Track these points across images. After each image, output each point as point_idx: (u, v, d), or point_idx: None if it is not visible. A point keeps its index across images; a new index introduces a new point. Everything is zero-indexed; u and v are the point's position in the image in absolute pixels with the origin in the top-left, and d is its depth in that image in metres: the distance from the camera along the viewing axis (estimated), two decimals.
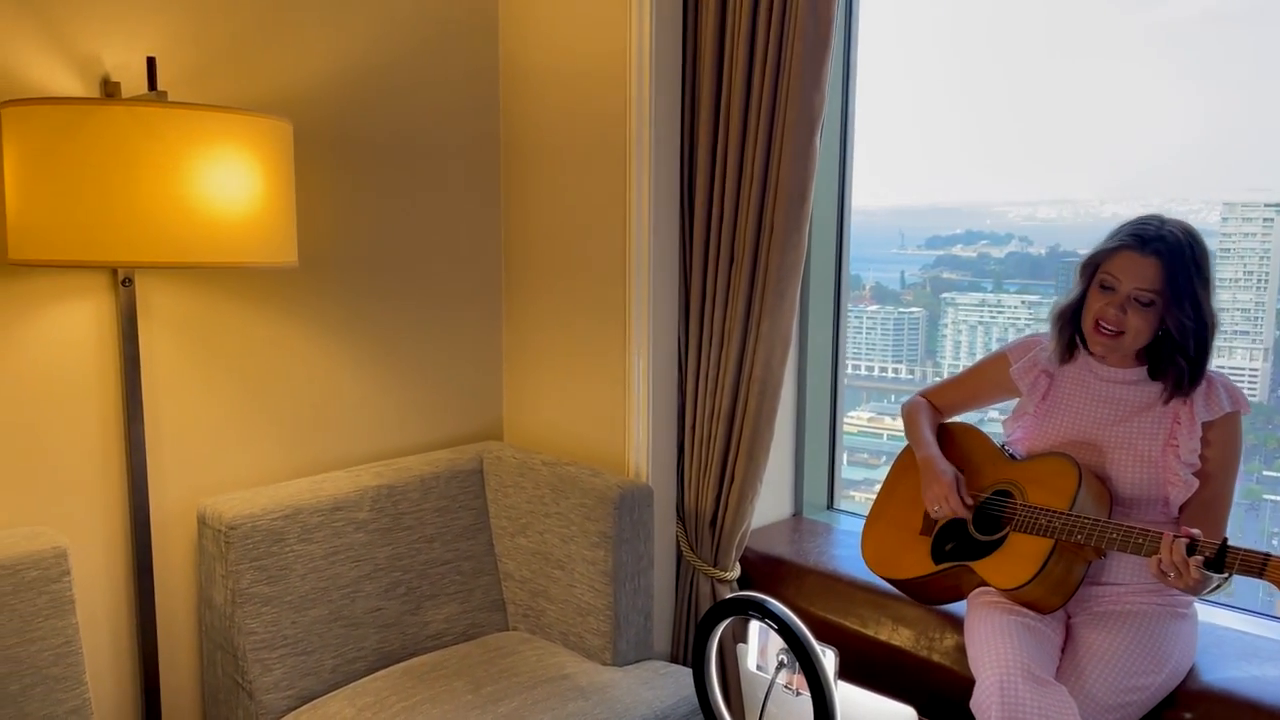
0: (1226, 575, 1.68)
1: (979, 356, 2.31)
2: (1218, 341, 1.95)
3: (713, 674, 1.57)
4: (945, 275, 3.00)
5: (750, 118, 2.27)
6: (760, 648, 1.56)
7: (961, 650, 2.09)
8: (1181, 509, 1.94)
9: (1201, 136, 1.94)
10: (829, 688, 1.39)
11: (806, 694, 1.51)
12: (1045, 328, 2.13)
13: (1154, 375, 1.97)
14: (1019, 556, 1.94)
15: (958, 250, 2.98)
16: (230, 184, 1.82)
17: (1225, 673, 1.91)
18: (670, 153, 2.39)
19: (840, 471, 2.92)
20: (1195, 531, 1.71)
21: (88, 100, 1.71)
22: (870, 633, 2.28)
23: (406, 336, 2.57)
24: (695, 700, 2.21)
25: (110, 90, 1.99)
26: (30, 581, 1.88)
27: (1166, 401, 1.94)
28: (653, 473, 2.45)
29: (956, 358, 2.95)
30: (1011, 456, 2.13)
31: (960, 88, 2.65)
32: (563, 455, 2.57)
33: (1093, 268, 1.98)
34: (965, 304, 2.95)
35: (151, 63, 1.89)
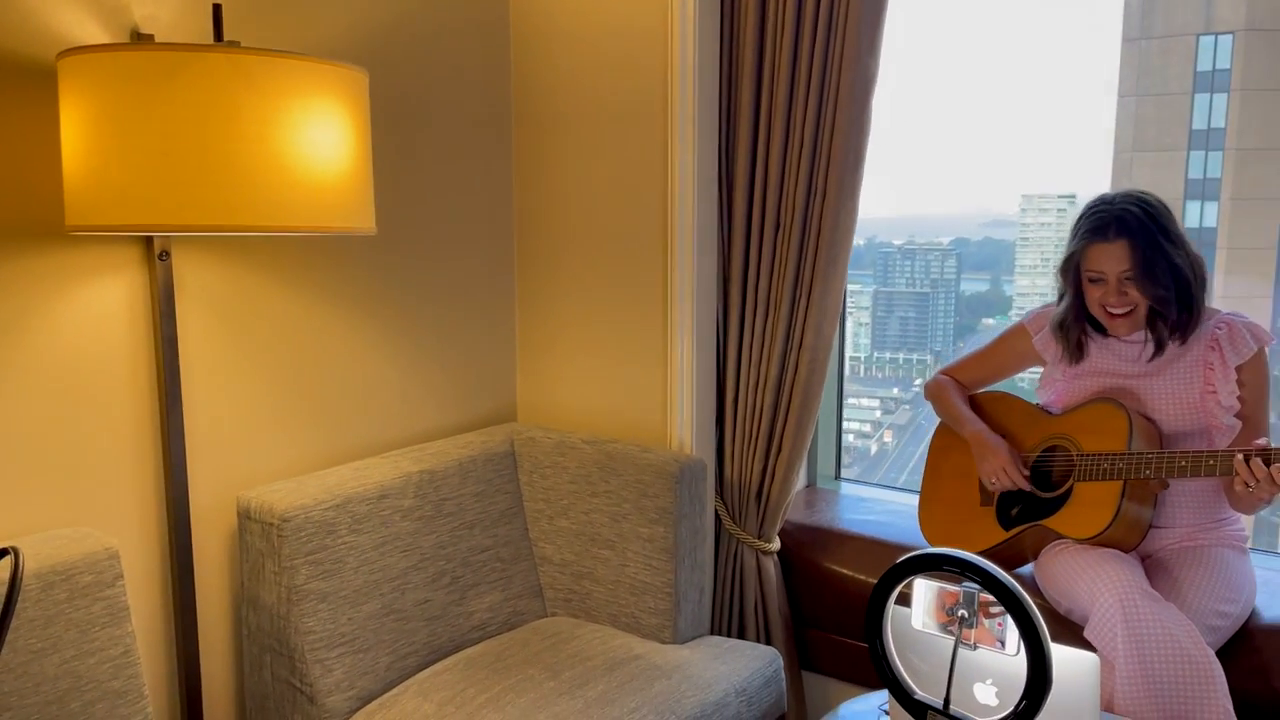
0: None
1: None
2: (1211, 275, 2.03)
3: (889, 638, 1.54)
4: None
5: (798, 80, 2.25)
6: (929, 605, 1.55)
7: None
8: None
9: (1000, 134, 2.05)
10: (1045, 637, 1.39)
11: (984, 648, 1.51)
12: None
13: (1150, 330, 2.05)
14: (1092, 504, 2.00)
15: None
16: (325, 141, 1.68)
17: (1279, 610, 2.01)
18: (711, 119, 2.35)
19: (844, 443, 2.95)
20: (1261, 441, 1.80)
21: (180, 47, 1.54)
22: None
23: (421, 316, 2.44)
24: (768, 672, 2.19)
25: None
26: (85, 587, 1.69)
27: (1182, 344, 2.01)
28: (695, 447, 2.41)
29: None
30: (1049, 413, 2.18)
31: None
32: (596, 433, 2.50)
33: (1074, 268, 2.06)
34: None
35: (218, 10, 1.72)
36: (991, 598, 1.51)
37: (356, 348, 2.30)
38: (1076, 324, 2.11)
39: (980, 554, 2.14)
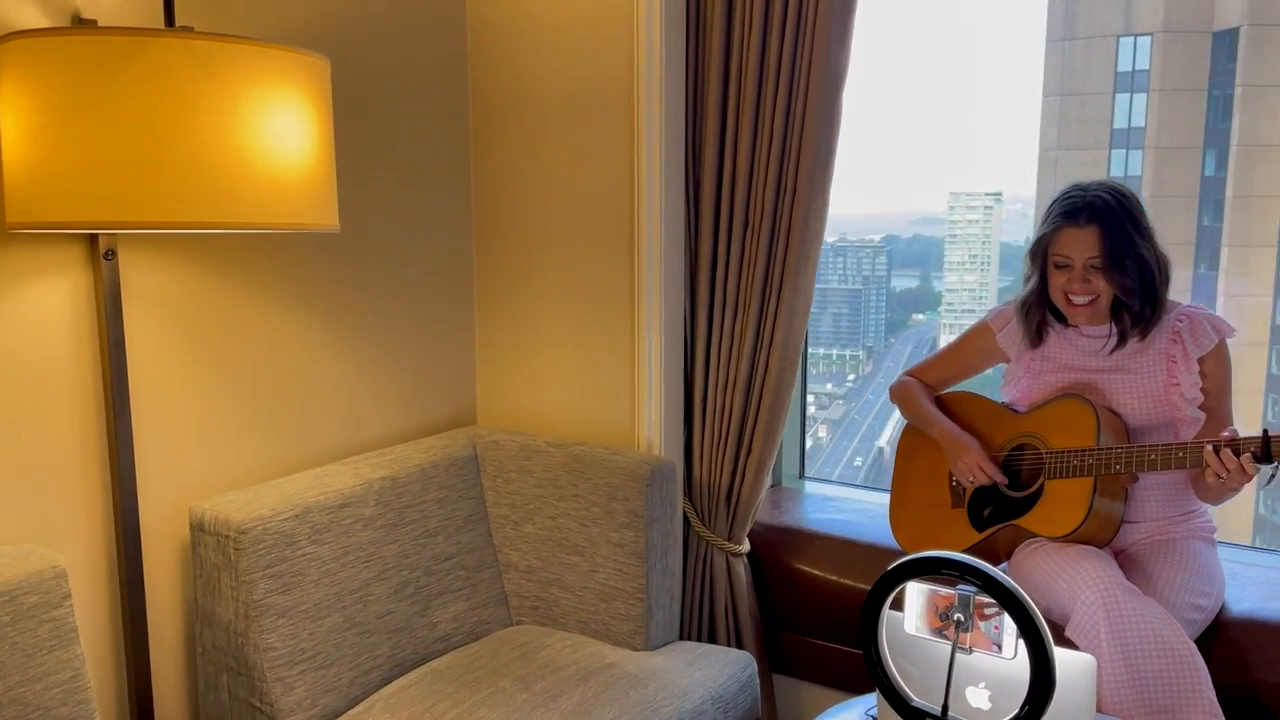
0: (1276, 464, 1.78)
1: None
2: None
3: (884, 644, 1.51)
4: None
5: (767, 73, 2.21)
6: (921, 610, 1.52)
7: None
8: None
9: (930, 133, 2.07)
10: (1048, 639, 1.37)
11: (980, 652, 1.48)
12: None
13: (1115, 322, 2.05)
14: (1064, 502, 1.99)
15: None
16: (287, 132, 1.59)
17: (1248, 603, 2.03)
18: (678, 113, 2.30)
19: (808, 442, 2.93)
20: (1229, 432, 1.81)
21: (131, 31, 1.44)
22: None
23: (378, 316, 2.35)
24: (743, 677, 2.15)
25: None
26: (30, 609, 1.58)
27: (1143, 338, 2.02)
28: (664, 448, 2.36)
29: None
30: (1015, 412, 2.18)
31: None
32: (560, 435, 2.43)
33: (1041, 252, 2.06)
34: None
35: None
36: (988, 600, 1.49)
37: (312, 349, 2.20)
38: (1038, 308, 2.10)
39: None
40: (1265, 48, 9.52)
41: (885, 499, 2.71)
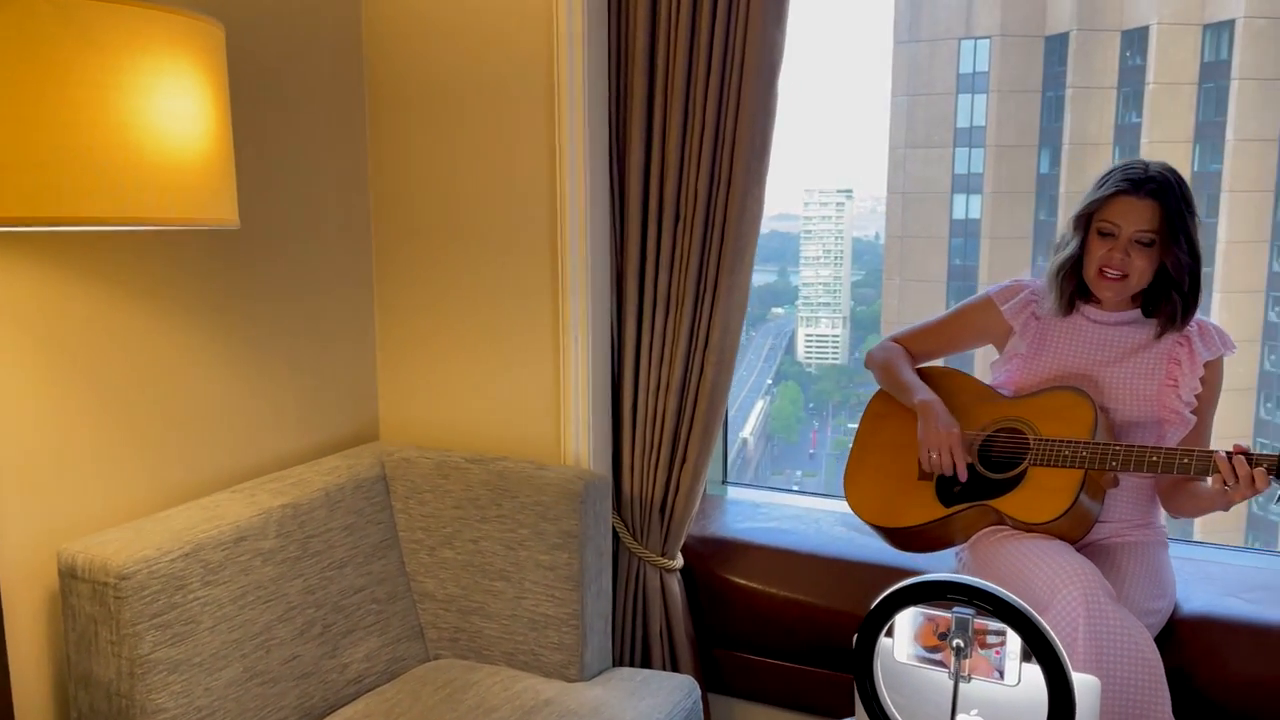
0: None
1: None
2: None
3: (880, 676, 1.39)
4: None
5: (697, 57, 2.07)
6: (914, 635, 1.40)
7: None
8: None
9: (784, 132, 2.05)
10: (1069, 669, 1.26)
11: (979, 679, 1.38)
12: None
13: (1148, 313, 2.02)
14: (1048, 490, 1.92)
15: None
16: (179, 110, 1.34)
17: (1199, 602, 2.01)
18: (601, 99, 2.13)
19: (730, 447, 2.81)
20: (1244, 444, 1.78)
21: None
22: (842, 606, 2.19)
23: (268, 323, 2.09)
24: (688, 704, 2.01)
25: None
26: None
27: (1159, 337, 1.99)
28: (594, 460, 2.19)
29: None
30: (1003, 395, 2.10)
31: None
32: (478, 450, 2.23)
33: (1087, 217, 1.99)
34: None
35: None
36: (988, 624, 1.38)
37: (196, 362, 1.93)
38: (1072, 276, 2.03)
39: (911, 529, 2.04)
40: (1092, 51, 10.01)
41: (814, 504, 2.63)
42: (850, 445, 2.20)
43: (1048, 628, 1.28)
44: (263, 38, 2.00)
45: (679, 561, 2.28)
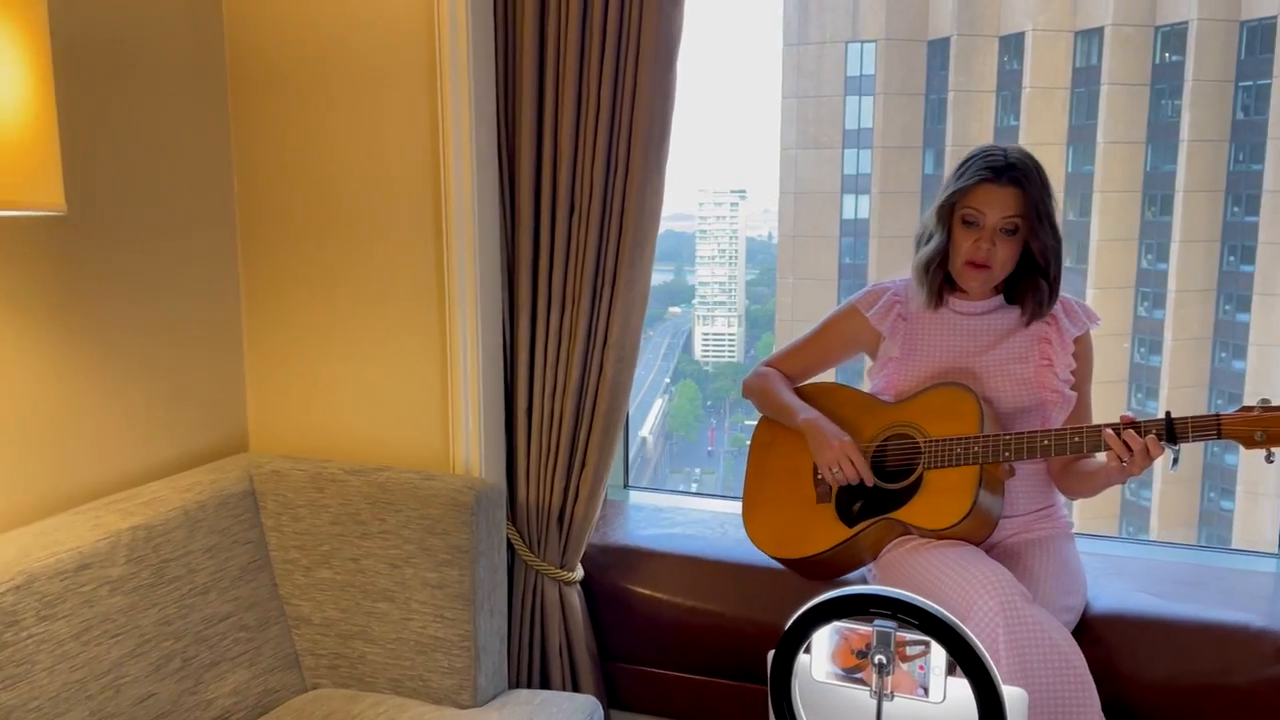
0: (1179, 446, 1.71)
1: None
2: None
3: (798, 700, 1.28)
4: None
5: (590, 36, 1.94)
6: (831, 652, 1.30)
7: None
8: None
9: (678, 133, 2.00)
10: (998, 681, 1.17)
11: (902, 696, 1.28)
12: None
13: (1011, 299, 1.98)
14: (946, 492, 1.85)
15: None
16: None
17: (1107, 598, 1.97)
18: (488, 83, 1.99)
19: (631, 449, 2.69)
20: (1129, 415, 1.74)
21: None
22: (751, 615, 2.08)
23: (119, 323, 1.88)
24: None
25: None
26: None
27: (1028, 324, 1.96)
28: (485, 468, 2.04)
29: None
30: (886, 403, 2.04)
31: None
32: (359, 460, 2.05)
33: (949, 207, 1.94)
34: None
35: None
36: (910, 638, 1.29)
37: (29, 366, 1.72)
38: (940, 268, 1.96)
39: (822, 555, 1.95)
40: (972, 56, 10.27)
41: (719, 506, 2.52)
42: (744, 481, 2.10)
43: (975, 639, 1.19)
44: (106, 5, 1.80)
45: (579, 573, 2.15)
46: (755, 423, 2.16)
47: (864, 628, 1.30)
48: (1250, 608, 1.88)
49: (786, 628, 1.27)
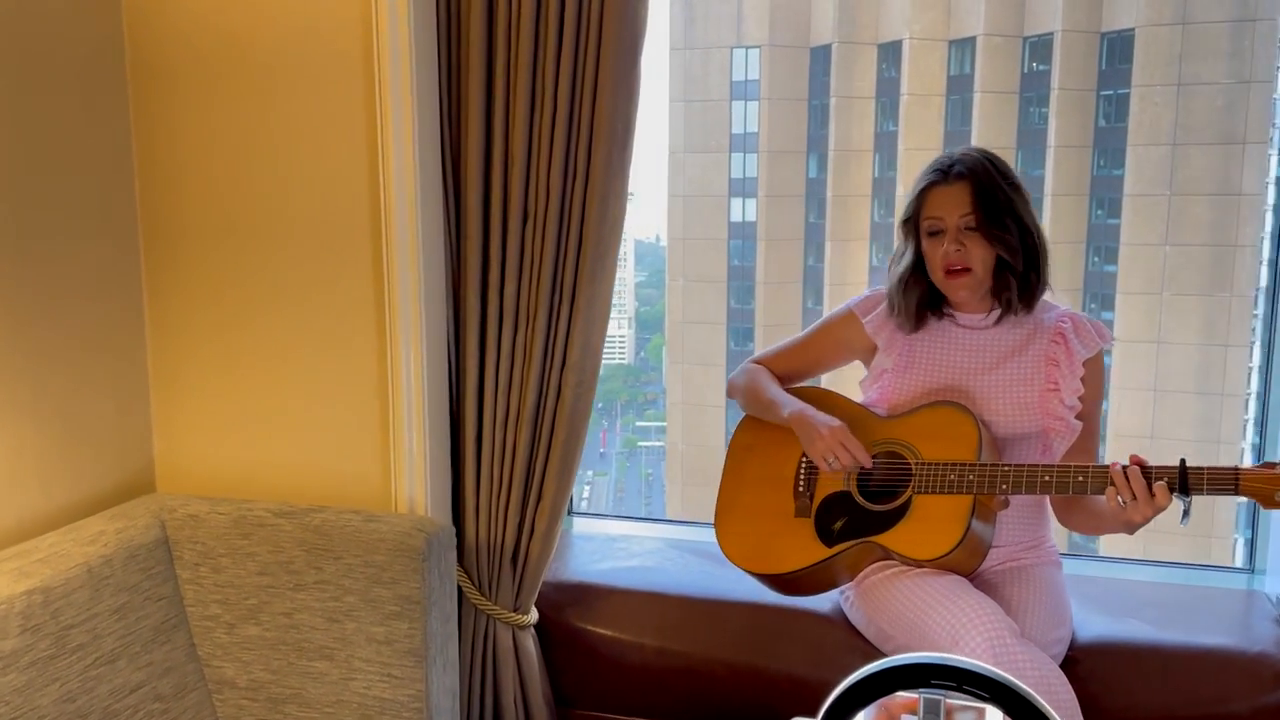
0: (1190, 498, 1.61)
1: None
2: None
3: None
4: None
5: (545, 30, 1.77)
6: None
7: (850, 651, 1.83)
8: None
9: None
10: None
11: None
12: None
13: (995, 295, 1.86)
14: (935, 521, 1.74)
15: None
16: None
17: (1094, 625, 1.89)
18: (431, 76, 1.79)
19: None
20: (1142, 457, 1.64)
21: None
22: (720, 654, 1.94)
23: (0, 349, 1.62)
24: None
25: None
26: None
27: (998, 321, 1.86)
28: (431, 506, 1.84)
29: None
30: (878, 416, 1.91)
31: None
32: (283, 499, 1.83)
33: (914, 222, 1.85)
34: None
35: None
36: (962, 703, 1.16)
37: None
38: (916, 284, 1.85)
39: (795, 574, 1.82)
40: (853, 63, 10.41)
41: (675, 532, 2.38)
42: (719, 484, 1.96)
43: (1052, 712, 1.07)
44: None
45: (533, 616, 1.97)
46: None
47: (908, 695, 1.16)
48: (1239, 632, 1.83)
49: (827, 706, 1.13)
